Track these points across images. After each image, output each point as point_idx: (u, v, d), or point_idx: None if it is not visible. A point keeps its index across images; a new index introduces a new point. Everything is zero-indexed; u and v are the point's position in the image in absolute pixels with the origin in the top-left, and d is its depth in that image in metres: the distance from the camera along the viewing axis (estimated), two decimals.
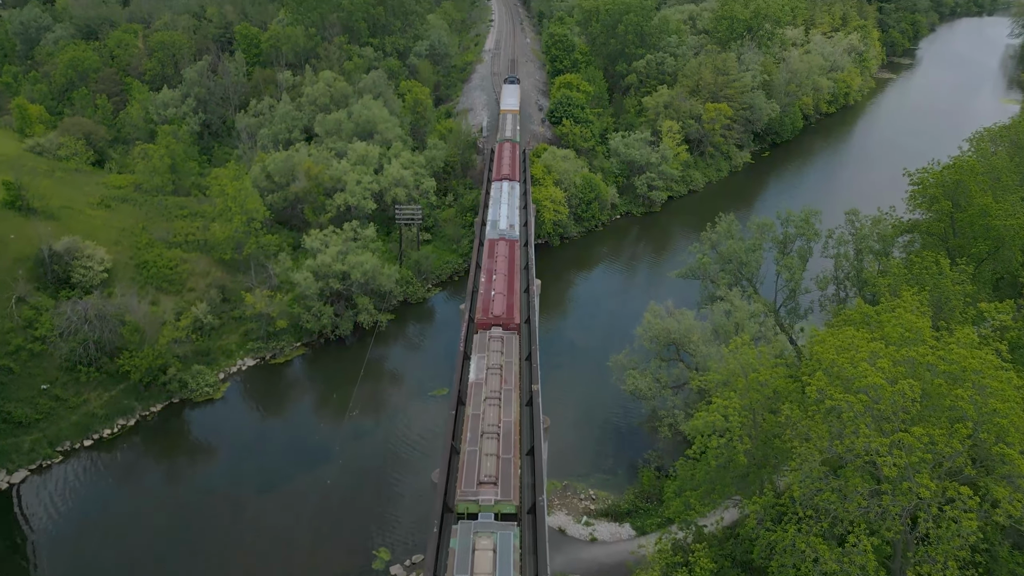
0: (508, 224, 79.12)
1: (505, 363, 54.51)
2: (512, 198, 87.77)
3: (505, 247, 72.76)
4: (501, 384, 51.96)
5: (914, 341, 36.66)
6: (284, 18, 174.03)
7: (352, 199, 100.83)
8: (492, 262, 70.06)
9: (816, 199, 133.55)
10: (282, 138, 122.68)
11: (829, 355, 36.33)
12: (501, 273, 67.30)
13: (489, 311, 61.34)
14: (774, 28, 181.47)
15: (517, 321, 60.98)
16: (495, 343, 57.10)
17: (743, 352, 45.61)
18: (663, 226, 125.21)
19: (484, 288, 65.41)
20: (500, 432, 47.11)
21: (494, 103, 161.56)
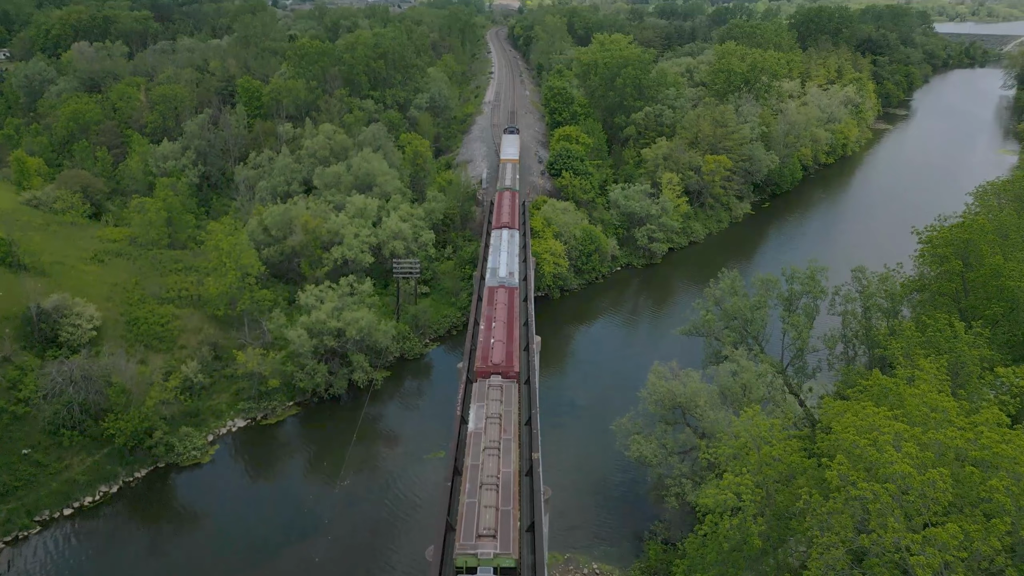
0: (508, 272, 79.41)
1: (504, 412, 54.02)
2: (512, 246, 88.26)
3: (505, 294, 72.99)
4: (500, 434, 51.43)
5: (940, 422, 34.46)
6: (286, 71, 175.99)
7: (349, 253, 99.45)
8: (492, 309, 70.17)
9: (818, 251, 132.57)
10: (281, 190, 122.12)
11: (849, 436, 34.07)
12: (500, 321, 67.32)
13: (488, 359, 60.93)
14: (771, 81, 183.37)
15: (516, 369, 60.58)
16: (494, 392, 56.50)
17: (755, 423, 43.30)
18: (664, 278, 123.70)
19: (483, 336, 65.38)
20: (499, 483, 46.65)
21: (493, 154, 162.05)
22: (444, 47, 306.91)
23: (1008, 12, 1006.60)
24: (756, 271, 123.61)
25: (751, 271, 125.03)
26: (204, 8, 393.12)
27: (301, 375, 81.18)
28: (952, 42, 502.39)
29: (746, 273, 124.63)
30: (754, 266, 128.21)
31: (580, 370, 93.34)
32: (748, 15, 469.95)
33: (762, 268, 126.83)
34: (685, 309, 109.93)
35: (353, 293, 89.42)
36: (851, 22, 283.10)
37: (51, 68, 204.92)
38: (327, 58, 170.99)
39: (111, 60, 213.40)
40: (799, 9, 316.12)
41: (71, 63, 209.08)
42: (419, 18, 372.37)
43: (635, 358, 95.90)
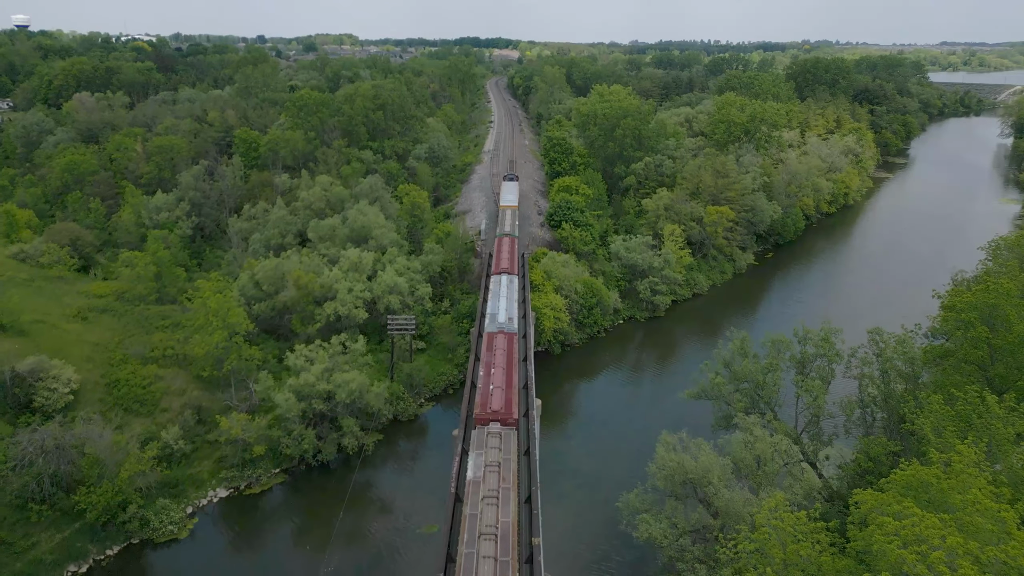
0: (507, 317, 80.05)
1: (503, 460, 54.19)
2: (511, 291, 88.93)
3: (504, 340, 73.48)
4: (499, 483, 51.43)
5: (998, 534, 30.55)
6: (284, 122, 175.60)
7: (342, 308, 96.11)
8: (491, 355, 70.50)
9: (823, 305, 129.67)
10: (275, 243, 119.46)
11: (894, 548, 30.12)
12: (500, 367, 67.77)
13: (487, 406, 61.19)
14: (771, 131, 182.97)
15: (515, 416, 60.95)
16: (493, 439, 56.71)
17: (779, 515, 39.27)
18: (668, 332, 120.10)
19: (483, 382, 65.84)
20: (498, 533, 46.76)
21: (492, 204, 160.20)
22: (444, 97, 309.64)
23: (999, 62, 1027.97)
24: (762, 326, 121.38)
25: (757, 325, 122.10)
26: (208, 59, 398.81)
27: (288, 440, 76.90)
28: (947, 91, 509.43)
29: (752, 327, 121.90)
30: (760, 320, 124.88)
31: (582, 432, 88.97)
32: (744, 65, 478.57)
33: (768, 322, 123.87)
34: (690, 365, 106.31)
35: (345, 351, 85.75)
36: (847, 73, 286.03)
37: (49, 119, 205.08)
38: (326, 109, 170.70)
39: (111, 111, 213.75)
40: (795, 60, 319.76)
41: (70, 114, 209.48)
42: (420, 69, 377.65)
43: (640, 419, 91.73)
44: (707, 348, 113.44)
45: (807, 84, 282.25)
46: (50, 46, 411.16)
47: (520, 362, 74.02)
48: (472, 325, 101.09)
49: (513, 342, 74.94)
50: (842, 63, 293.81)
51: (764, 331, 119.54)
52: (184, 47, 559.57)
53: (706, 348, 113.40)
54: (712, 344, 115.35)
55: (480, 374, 68.22)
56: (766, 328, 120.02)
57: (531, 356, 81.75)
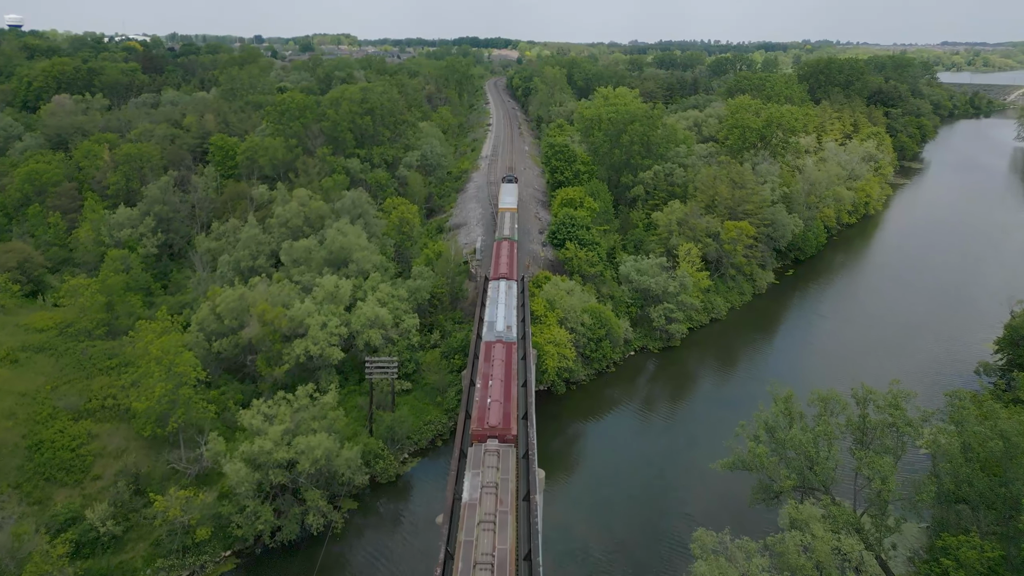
0: (505, 326, 77.54)
1: (501, 480, 52.41)
2: (510, 298, 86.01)
3: (502, 350, 71.20)
4: (496, 505, 49.49)
5: None
6: (265, 128, 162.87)
7: (314, 348, 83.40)
8: (489, 367, 67.93)
9: (853, 332, 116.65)
10: (245, 265, 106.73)
11: None
12: (498, 379, 65.49)
13: (485, 420, 59.07)
14: (788, 137, 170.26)
15: (514, 432, 58.73)
16: (490, 458, 54.75)
17: None
18: (685, 366, 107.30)
19: (480, 395, 63.81)
20: (495, 563, 44.69)
21: (490, 217, 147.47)
22: (440, 99, 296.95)
23: (1003, 62, 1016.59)
24: (791, 361, 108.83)
25: (784, 359, 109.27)
26: (201, 59, 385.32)
27: (240, 519, 64.12)
28: (956, 92, 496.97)
29: (779, 361, 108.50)
30: (787, 352, 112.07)
31: (591, 497, 76.17)
32: (748, 66, 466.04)
33: (797, 352, 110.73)
34: (713, 408, 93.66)
35: (314, 401, 72.92)
36: (862, 74, 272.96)
37: (18, 124, 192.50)
38: (309, 113, 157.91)
39: (84, 115, 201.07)
40: (806, 61, 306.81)
41: (41, 118, 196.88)
42: (417, 69, 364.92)
43: (659, 481, 78.94)
44: (730, 385, 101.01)
45: (819, 86, 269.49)
46: (36, 46, 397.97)
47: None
48: (464, 369, 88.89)
49: (512, 352, 72.25)
50: (856, 63, 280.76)
51: (793, 365, 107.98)
52: (177, 47, 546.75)
53: (729, 385, 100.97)
54: (735, 380, 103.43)
55: (477, 386, 65.57)
56: (794, 362, 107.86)
57: (532, 412, 69.36)
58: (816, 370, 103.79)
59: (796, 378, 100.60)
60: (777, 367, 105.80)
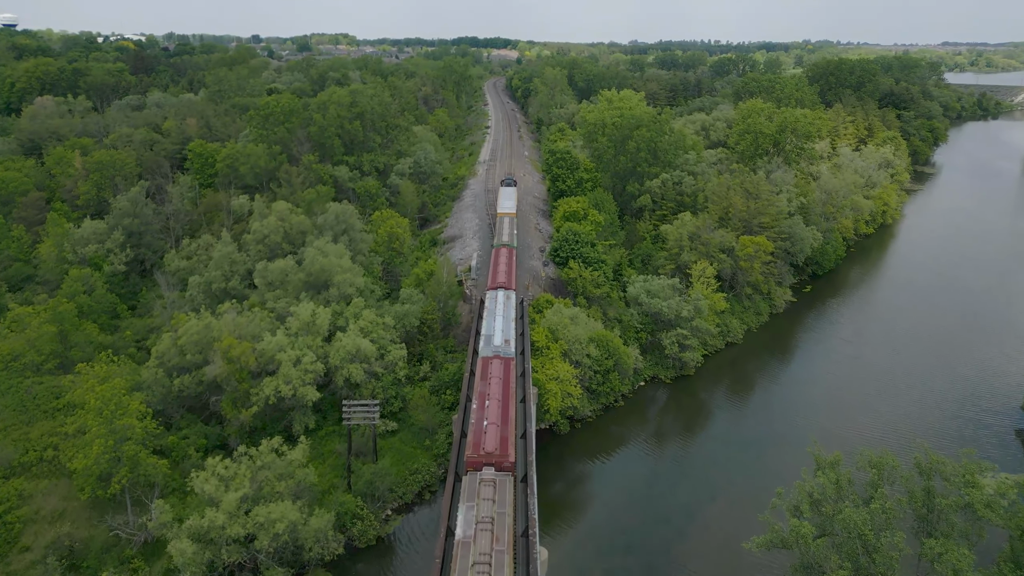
0: (503, 339, 74.80)
1: (497, 515, 49.22)
2: (508, 309, 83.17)
3: (500, 366, 68.35)
4: (492, 543, 46.30)
5: None
6: (249, 133, 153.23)
7: (286, 388, 73.76)
8: (485, 385, 64.67)
9: (882, 359, 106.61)
10: (217, 287, 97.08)
11: None
12: (495, 398, 62.16)
13: (481, 446, 55.73)
14: (803, 143, 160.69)
15: (512, 459, 55.63)
16: (486, 489, 51.29)
17: None
18: (701, 398, 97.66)
19: (476, 417, 60.36)
20: None
21: (487, 229, 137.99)
22: (437, 101, 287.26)
23: (1006, 63, 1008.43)
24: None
25: (808, 391, 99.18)
26: (196, 59, 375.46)
27: None
28: (963, 93, 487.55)
29: (805, 393, 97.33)
30: (811, 381, 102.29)
31: (601, 565, 66.45)
32: (751, 66, 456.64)
33: (821, 384, 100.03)
34: (734, 451, 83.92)
35: (280, 455, 63.30)
36: (873, 75, 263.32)
37: None
38: (295, 118, 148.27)
39: (61, 118, 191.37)
40: (817, 61, 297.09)
41: (18, 121, 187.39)
42: (414, 70, 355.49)
43: (679, 544, 69.27)
44: (750, 423, 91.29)
45: (829, 87, 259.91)
46: (26, 46, 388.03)
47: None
48: (457, 408, 79.54)
49: (510, 368, 69.24)
50: (868, 64, 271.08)
51: (817, 399, 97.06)
52: (172, 47, 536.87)
53: (749, 422, 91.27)
54: (755, 416, 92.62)
55: (473, 407, 61.90)
56: (819, 396, 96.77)
57: (532, 470, 59.93)
58: (845, 407, 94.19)
59: (823, 417, 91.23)
60: (800, 401, 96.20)
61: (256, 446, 72.30)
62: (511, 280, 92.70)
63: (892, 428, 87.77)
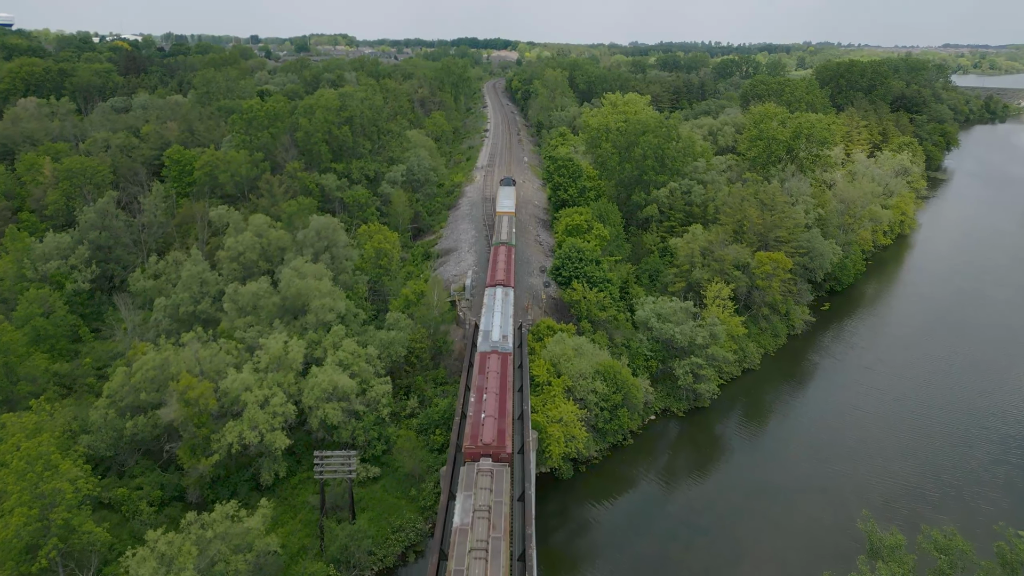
0: (501, 335, 74.86)
1: (494, 503, 50.41)
2: (506, 306, 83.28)
3: (497, 361, 69.33)
4: (489, 531, 47.48)
5: None
6: (232, 138, 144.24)
7: (251, 434, 64.74)
8: (483, 379, 65.90)
9: (915, 388, 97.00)
10: (185, 311, 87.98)
11: None
12: (492, 392, 63.53)
13: (478, 438, 57.17)
14: (819, 149, 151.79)
15: (509, 450, 56.70)
16: (483, 478, 52.82)
17: None
18: (717, 434, 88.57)
19: (474, 410, 61.77)
20: None
21: (484, 241, 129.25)
22: (435, 103, 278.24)
23: (1009, 64, 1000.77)
24: (844, 432, 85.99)
25: (835, 431, 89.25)
26: (191, 60, 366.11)
27: None
28: (970, 96, 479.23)
29: (829, 435, 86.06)
30: (836, 418, 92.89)
31: None
32: (754, 67, 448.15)
33: (847, 421, 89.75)
34: (758, 502, 74.75)
35: (234, 521, 54.19)
36: (885, 78, 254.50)
37: None
38: (280, 123, 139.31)
39: (38, 121, 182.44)
40: (827, 63, 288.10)
41: None
42: (411, 71, 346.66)
43: None
44: (774, 466, 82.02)
45: (840, 90, 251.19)
46: (16, 46, 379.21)
47: None
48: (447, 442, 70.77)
49: (507, 363, 70.15)
50: (880, 66, 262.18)
51: (844, 442, 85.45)
52: (167, 47, 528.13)
53: (772, 466, 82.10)
54: (779, 458, 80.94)
55: (471, 400, 63.45)
56: (846, 437, 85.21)
57: (531, 512, 53.45)
58: (876, 448, 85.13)
59: (854, 462, 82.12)
60: (826, 442, 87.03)
61: (218, 498, 63.78)
62: (510, 277, 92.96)
63: (933, 476, 78.76)
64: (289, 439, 67.76)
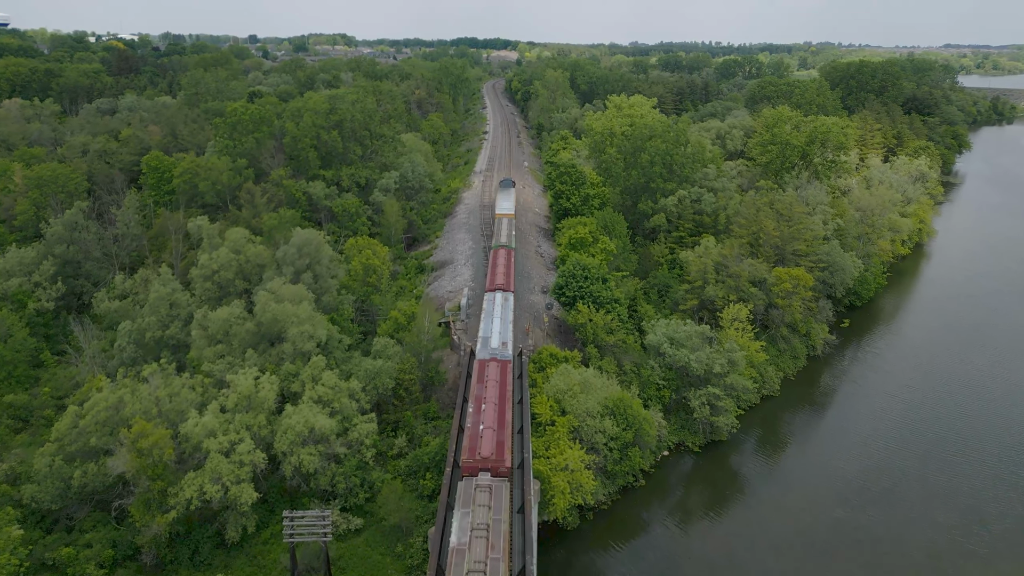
0: (500, 342, 73.49)
1: (493, 521, 48.36)
2: (506, 311, 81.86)
3: (496, 369, 67.71)
4: (487, 551, 45.50)
5: None
6: (215, 144, 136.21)
7: (213, 488, 56.73)
8: (482, 388, 64.65)
9: (947, 428, 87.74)
10: (151, 336, 79.97)
11: None
12: (491, 402, 61.22)
13: (476, 451, 54.79)
14: (836, 155, 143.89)
15: (508, 464, 54.25)
16: (482, 495, 50.78)
17: None
18: (738, 473, 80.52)
19: (472, 421, 59.54)
20: None
21: (481, 254, 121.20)
22: (432, 105, 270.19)
23: (1012, 65, 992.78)
24: (874, 471, 76.53)
25: (864, 472, 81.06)
26: (186, 59, 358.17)
27: None
28: (978, 97, 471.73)
29: (859, 478, 77.62)
30: (865, 455, 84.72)
31: None
32: (757, 68, 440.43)
33: (878, 457, 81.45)
34: (788, 560, 66.87)
35: None
36: (897, 79, 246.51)
37: None
38: (266, 127, 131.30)
39: (17, 124, 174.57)
40: (837, 64, 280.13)
41: None
42: (410, 71, 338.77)
43: None
44: (803, 515, 73.91)
45: (850, 92, 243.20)
46: (7, 45, 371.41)
47: None
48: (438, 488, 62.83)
49: (507, 371, 68.34)
50: (891, 67, 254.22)
51: (887, 487, 73.36)
52: (162, 47, 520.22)
53: (800, 514, 74.01)
54: (813, 506, 71.31)
55: (469, 410, 61.57)
56: (886, 479, 74.68)
57: (533, 549, 46.09)
58: (913, 493, 77.15)
59: (893, 515, 73.93)
60: (856, 484, 78.98)
61: (177, 558, 56.11)
62: (509, 282, 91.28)
63: (979, 523, 70.71)
64: (258, 492, 59.83)
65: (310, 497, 65.82)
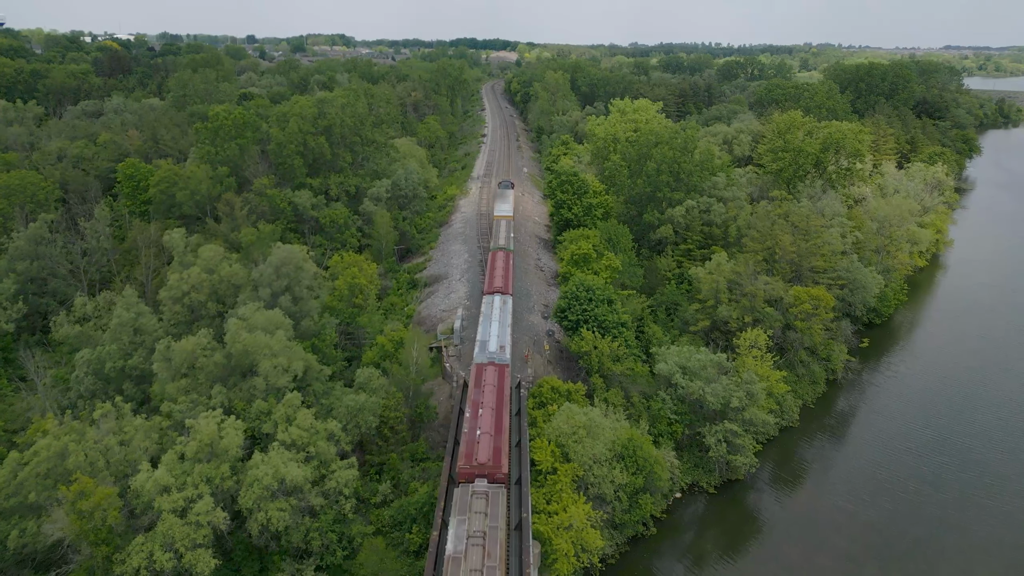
0: (499, 346, 72.40)
1: (489, 529, 48.05)
2: (504, 315, 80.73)
3: (494, 373, 66.49)
4: (484, 559, 45.28)
5: None
6: (196, 150, 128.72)
7: (164, 557, 49.25)
8: (479, 392, 63.52)
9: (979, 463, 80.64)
10: (112, 367, 72.47)
11: None
12: (488, 407, 60.47)
13: (473, 457, 54.45)
14: (852, 163, 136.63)
15: (505, 471, 53.82)
16: (478, 501, 50.56)
17: None
18: (756, 513, 73.21)
19: (469, 426, 58.99)
20: None
21: (478, 267, 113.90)
22: (429, 107, 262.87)
23: (1015, 67, 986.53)
24: (921, 515, 68.45)
25: (904, 509, 73.78)
26: (179, 60, 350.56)
27: None
28: (983, 99, 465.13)
29: (897, 514, 71.56)
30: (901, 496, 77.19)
31: None
32: (760, 69, 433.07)
33: (917, 501, 72.83)
34: None
35: None
36: (907, 81, 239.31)
37: None
38: (249, 132, 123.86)
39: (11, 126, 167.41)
40: (845, 66, 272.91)
41: None
42: (407, 72, 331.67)
43: None
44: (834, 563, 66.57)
45: (860, 95, 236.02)
46: None
47: None
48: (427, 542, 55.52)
49: (505, 375, 67.34)
50: (901, 69, 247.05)
51: (925, 537, 66.48)
52: (158, 47, 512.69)
53: (832, 561, 66.59)
54: (843, 550, 64.27)
55: (467, 415, 60.61)
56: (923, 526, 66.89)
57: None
58: (952, 545, 69.78)
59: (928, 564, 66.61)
60: (890, 532, 71.71)
61: None
62: (507, 285, 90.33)
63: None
64: (222, 549, 52.39)
65: (281, 555, 58.36)
